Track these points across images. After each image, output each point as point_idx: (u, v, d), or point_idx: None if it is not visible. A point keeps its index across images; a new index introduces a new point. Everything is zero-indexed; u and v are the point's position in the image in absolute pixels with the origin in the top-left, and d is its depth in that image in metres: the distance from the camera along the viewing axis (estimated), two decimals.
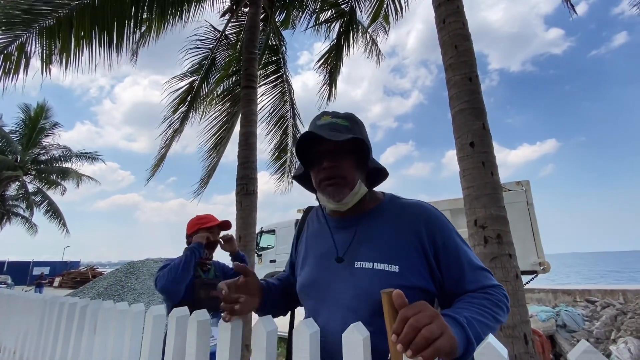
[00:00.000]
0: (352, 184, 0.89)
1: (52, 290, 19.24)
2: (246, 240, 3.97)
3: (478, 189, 2.24)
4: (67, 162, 16.85)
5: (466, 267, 0.82)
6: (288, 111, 5.85)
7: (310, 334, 0.66)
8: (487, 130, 2.38)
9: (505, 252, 2.13)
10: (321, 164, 0.89)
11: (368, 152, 0.91)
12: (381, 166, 0.95)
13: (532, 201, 6.76)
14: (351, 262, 0.86)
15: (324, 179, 0.89)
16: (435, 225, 0.85)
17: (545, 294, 6.83)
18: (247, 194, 4.07)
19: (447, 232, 0.85)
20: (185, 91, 5.47)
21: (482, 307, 0.74)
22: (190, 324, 0.91)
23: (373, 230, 0.89)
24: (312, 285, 0.92)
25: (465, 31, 2.62)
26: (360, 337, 0.64)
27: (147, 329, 1.04)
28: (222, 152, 5.81)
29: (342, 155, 0.89)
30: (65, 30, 3.92)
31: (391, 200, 0.95)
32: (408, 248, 0.83)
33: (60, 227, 16.98)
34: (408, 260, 0.81)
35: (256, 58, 4.66)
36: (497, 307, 0.77)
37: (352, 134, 0.87)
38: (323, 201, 0.94)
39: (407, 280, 0.79)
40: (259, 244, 10.85)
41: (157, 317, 1.03)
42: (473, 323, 0.67)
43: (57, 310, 1.55)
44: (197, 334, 0.89)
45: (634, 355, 3.41)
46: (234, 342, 0.83)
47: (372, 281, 0.80)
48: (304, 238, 1.05)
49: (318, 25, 5.52)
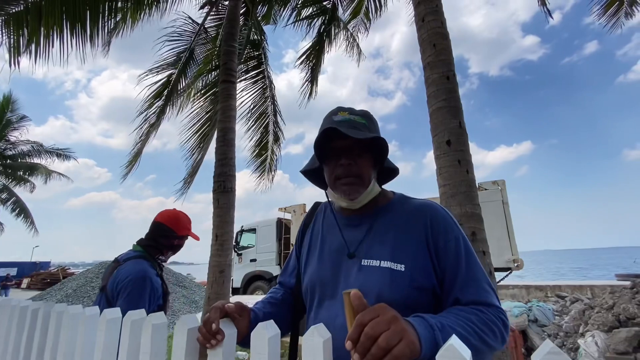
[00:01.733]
0: (367, 183, 0.89)
1: (20, 292, 18.34)
2: (223, 239, 3.87)
3: (454, 186, 2.26)
4: (37, 158, 16.01)
5: (463, 273, 0.78)
6: (269, 107, 5.75)
7: (324, 342, 0.60)
8: (463, 129, 2.40)
9: (480, 249, 2.15)
10: (339, 160, 0.88)
11: (386, 151, 0.90)
12: (394, 166, 0.95)
13: (508, 200, 6.96)
14: (359, 259, 0.85)
15: (341, 176, 0.88)
16: (440, 225, 0.83)
17: (518, 290, 7.06)
18: (224, 192, 3.97)
19: (451, 234, 0.82)
20: (162, 85, 5.27)
21: (466, 321, 0.68)
22: (145, 328, 0.84)
23: (381, 229, 0.88)
24: (321, 281, 0.90)
25: (444, 30, 2.63)
26: (320, 340, 0.60)
27: (99, 334, 0.96)
28: (206, 150, 5.65)
29: (360, 153, 0.88)
30: (34, 18, 3.68)
31: (400, 200, 0.94)
32: (416, 247, 0.81)
33: (29, 225, 16.14)
34: (415, 260, 0.80)
35: (235, 52, 4.55)
36: (486, 327, 0.69)
37: (371, 133, 0.87)
38: (335, 198, 0.94)
39: (413, 279, 0.78)
40: (239, 243, 10.68)
41: (110, 322, 0.95)
42: (447, 330, 0.62)
43: (8, 314, 1.44)
44: (152, 338, 0.82)
45: (600, 348, 3.55)
46: (190, 353, 0.77)
47: (377, 279, 0.80)
48: (309, 233, 1.03)
49: (300, 20, 5.45)
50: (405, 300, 0.76)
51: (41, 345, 1.20)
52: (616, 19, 4.57)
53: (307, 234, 1.04)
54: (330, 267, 0.90)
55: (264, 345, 0.66)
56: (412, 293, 0.78)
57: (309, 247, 1.00)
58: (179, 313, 7.72)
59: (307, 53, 5.69)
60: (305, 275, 0.96)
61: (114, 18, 4.28)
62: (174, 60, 5.32)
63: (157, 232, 1.74)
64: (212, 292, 3.69)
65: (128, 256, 1.65)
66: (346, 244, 0.89)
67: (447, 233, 0.82)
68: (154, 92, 5.22)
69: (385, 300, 0.69)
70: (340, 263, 0.88)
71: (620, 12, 4.51)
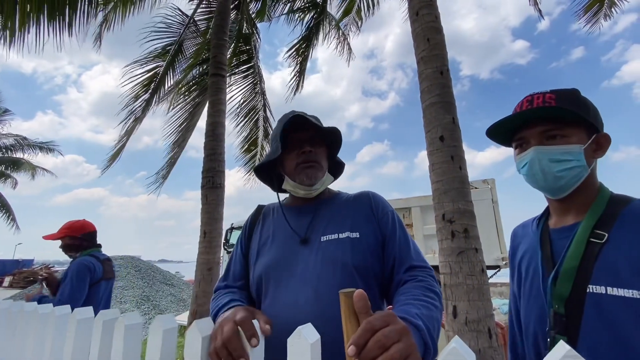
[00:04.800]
0: (324, 171, 0.99)
1: (1, 290, 17.81)
2: (212, 236, 3.78)
3: (447, 182, 2.22)
4: (20, 152, 15.49)
5: (401, 238, 0.92)
6: (259, 103, 5.65)
7: (312, 344, 0.53)
8: (456, 124, 2.37)
9: (472, 247, 2.13)
10: (301, 148, 0.96)
11: (339, 145, 1.03)
12: (341, 161, 1.09)
13: (497, 199, 7.01)
14: (316, 238, 0.91)
15: (304, 161, 0.95)
16: (379, 201, 0.99)
17: (507, 288, 7.14)
18: (213, 187, 3.88)
19: (388, 208, 0.98)
20: (149, 77, 5.12)
21: (423, 300, 0.75)
22: (117, 329, 0.77)
23: (332, 211, 0.98)
24: (276, 265, 0.91)
25: (438, 24, 2.59)
26: (307, 343, 0.54)
27: (69, 335, 0.89)
28: (185, 144, 5.51)
29: (319, 144, 0.99)
30: (9, 3, 3.50)
31: (343, 194, 1.06)
32: (365, 218, 0.94)
33: (10, 222, 15.64)
34: (366, 228, 0.92)
35: (226, 45, 4.45)
36: (434, 293, 0.79)
37: None
38: (292, 187, 0.99)
39: (369, 244, 0.89)
40: (229, 240, 10.54)
41: (82, 322, 0.88)
42: (425, 321, 0.67)
43: None
44: (125, 340, 0.75)
45: None
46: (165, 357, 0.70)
47: (340, 248, 0.87)
48: (258, 232, 1.05)
49: (292, 13, 5.36)
50: (366, 265, 0.86)
51: (6, 347, 1.12)
52: (596, 19, 4.78)
53: (255, 232, 1.05)
54: (283, 253, 0.92)
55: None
56: (369, 259, 0.88)
57: (259, 244, 1.00)
58: (166, 312, 7.58)
59: (296, 46, 5.61)
60: (257, 266, 0.95)
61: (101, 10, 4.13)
62: (162, 52, 5.17)
63: None
64: (199, 291, 3.60)
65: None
66: (294, 231, 0.95)
67: (385, 207, 0.98)
68: (139, 84, 5.06)
69: (351, 267, 0.84)
70: (293, 248, 0.92)
71: (600, 13, 4.69)
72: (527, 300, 0.88)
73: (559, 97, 0.81)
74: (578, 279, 0.74)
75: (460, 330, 2.00)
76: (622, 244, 0.71)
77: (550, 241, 0.85)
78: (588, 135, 0.80)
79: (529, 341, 0.87)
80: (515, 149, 0.89)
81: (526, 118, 0.83)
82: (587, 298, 0.72)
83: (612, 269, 0.71)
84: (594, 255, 0.73)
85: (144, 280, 8.65)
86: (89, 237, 2.36)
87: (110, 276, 2.32)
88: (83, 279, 2.10)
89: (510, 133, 0.88)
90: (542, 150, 0.80)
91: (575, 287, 0.74)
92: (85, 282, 2.11)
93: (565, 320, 0.74)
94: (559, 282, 0.77)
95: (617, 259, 0.71)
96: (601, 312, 0.70)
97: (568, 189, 0.81)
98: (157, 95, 5.15)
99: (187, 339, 0.67)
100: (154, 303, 7.78)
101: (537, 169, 0.81)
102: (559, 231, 0.84)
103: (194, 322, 0.66)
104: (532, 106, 0.81)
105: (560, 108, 0.78)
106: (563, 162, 0.79)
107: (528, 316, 0.87)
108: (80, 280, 2.08)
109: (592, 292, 0.72)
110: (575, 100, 0.81)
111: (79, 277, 2.08)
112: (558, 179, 0.80)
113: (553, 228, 0.87)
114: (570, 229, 0.81)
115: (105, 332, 0.81)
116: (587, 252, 0.75)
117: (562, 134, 0.80)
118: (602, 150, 0.83)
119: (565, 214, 0.85)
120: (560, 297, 0.76)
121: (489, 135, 0.92)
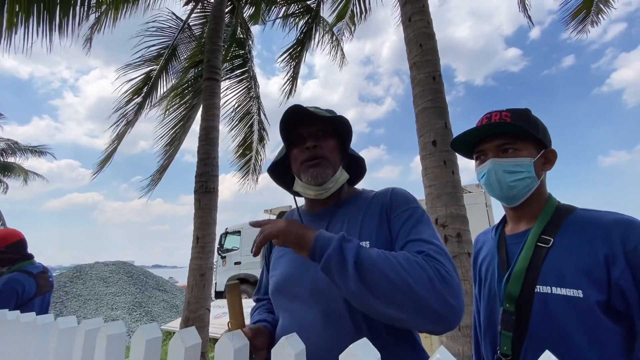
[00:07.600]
0: (335, 166, 0.88)
1: None
2: (205, 242, 3.74)
3: (439, 187, 2.23)
4: (12, 157, 15.25)
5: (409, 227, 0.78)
6: (253, 107, 5.64)
7: (296, 355, 0.52)
8: (449, 129, 2.38)
9: (465, 251, 2.13)
10: (304, 144, 0.86)
11: (349, 134, 0.90)
12: (358, 155, 0.95)
13: (491, 203, 7.05)
14: None
15: (307, 159, 0.86)
16: (394, 201, 0.85)
17: None
18: (206, 192, 3.85)
19: (408, 204, 0.83)
20: (142, 80, 5.08)
21: (387, 255, 0.66)
22: (100, 339, 0.75)
23: (348, 215, 0.87)
24: (286, 282, 0.86)
25: (430, 30, 2.62)
26: (292, 353, 0.53)
27: (51, 346, 0.86)
28: (179, 147, 5.47)
29: (325, 136, 0.88)
30: None
31: (365, 192, 0.95)
32: (377, 223, 0.82)
33: None
34: (378, 234, 0.81)
35: (220, 50, 4.44)
36: (411, 266, 0.63)
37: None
38: (302, 188, 0.90)
39: None
40: (224, 245, 10.44)
41: (64, 332, 0.86)
42: (352, 246, 0.66)
43: None
44: (107, 350, 0.73)
45: None
46: None
47: None
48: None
49: (285, 17, 5.38)
50: None
51: None
52: (583, 26, 4.94)
53: (274, 247, 1.00)
54: (294, 268, 0.86)
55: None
56: None
57: (276, 256, 0.95)
58: (159, 318, 7.46)
59: (290, 50, 5.62)
60: (270, 282, 0.91)
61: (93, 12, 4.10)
62: (155, 55, 5.15)
63: None
64: (192, 297, 3.56)
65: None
66: None
67: (401, 205, 0.83)
68: (132, 87, 5.03)
69: None
70: (304, 262, 0.83)
71: (587, 19, 4.84)
72: (486, 302, 0.95)
73: (514, 115, 0.89)
74: (527, 279, 0.82)
75: (454, 336, 1.99)
76: (566, 248, 0.80)
77: (506, 246, 0.93)
78: (537, 150, 0.89)
79: (486, 341, 0.93)
80: (475, 161, 0.98)
81: (485, 132, 0.92)
82: (535, 297, 0.80)
83: (557, 271, 0.79)
84: (541, 258, 0.82)
85: (136, 286, 8.51)
86: (16, 249, 2.08)
87: (46, 290, 2.10)
88: (8, 301, 1.85)
89: (471, 146, 0.96)
90: (497, 162, 0.89)
91: (524, 287, 0.82)
92: (11, 305, 1.84)
93: (514, 318, 0.82)
94: (510, 283, 0.84)
95: (561, 262, 0.79)
96: (547, 310, 0.78)
97: (520, 197, 0.90)
98: (149, 99, 5.12)
99: (170, 349, 0.65)
100: (147, 309, 7.65)
101: (494, 179, 0.90)
102: (513, 237, 0.93)
103: (176, 332, 0.65)
104: (491, 122, 0.90)
105: (512, 124, 0.86)
106: (515, 173, 0.88)
107: (485, 317, 0.94)
108: (6, 303, 1.82)
109: (539, 291, 0.80)
110: (526, 119, 0.90)
111: (2, 300, 1.83)
112: (511, 188, 0.88)
113: (509, 234, 0.95)
114: (523, 235, 0.89)
115: (87, 342, 0.79)
116: (535, 256, 0.83)
117: (515, 147, 0.88)
118: (550, 164, 0.92)
119: (519, 221, 0.94)
120: (511, 296, 0.83)
121: (453, 147, 0.99)
